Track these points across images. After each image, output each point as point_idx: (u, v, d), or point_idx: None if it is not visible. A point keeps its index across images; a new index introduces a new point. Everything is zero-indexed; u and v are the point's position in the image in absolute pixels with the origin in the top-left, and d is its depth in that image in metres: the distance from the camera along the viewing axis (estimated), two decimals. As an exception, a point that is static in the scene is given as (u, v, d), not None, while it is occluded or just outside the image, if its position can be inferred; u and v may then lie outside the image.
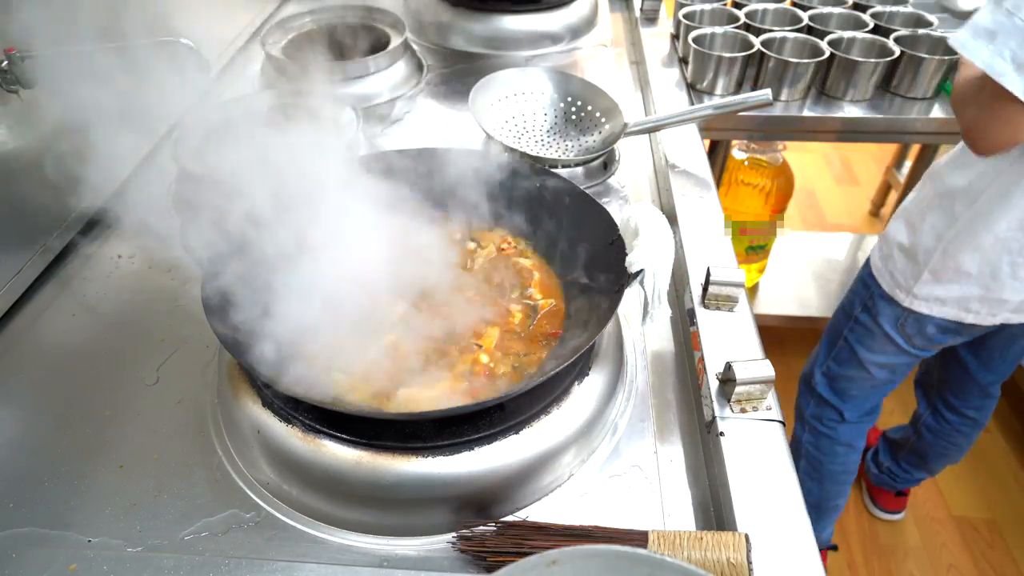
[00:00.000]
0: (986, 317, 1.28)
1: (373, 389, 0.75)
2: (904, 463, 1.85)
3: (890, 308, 1.37)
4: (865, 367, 1.48)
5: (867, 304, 1.43)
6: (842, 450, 1.62)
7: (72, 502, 0.75)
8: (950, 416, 1.64)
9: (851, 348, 1.49)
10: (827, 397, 1.57)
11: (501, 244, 0.96)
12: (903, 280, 1.33)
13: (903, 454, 1.84)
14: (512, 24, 1.62)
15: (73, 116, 1.07)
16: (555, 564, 0.52)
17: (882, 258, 1.38)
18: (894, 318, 1.37)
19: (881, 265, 1.38)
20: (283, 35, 1.49)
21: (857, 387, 1.53)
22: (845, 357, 1.51)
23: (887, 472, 1.89)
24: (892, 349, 1.42)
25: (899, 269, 1.33)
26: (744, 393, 0.79)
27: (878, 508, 1.98)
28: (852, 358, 1.49)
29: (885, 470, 1.89)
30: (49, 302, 1.00)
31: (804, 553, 0.67)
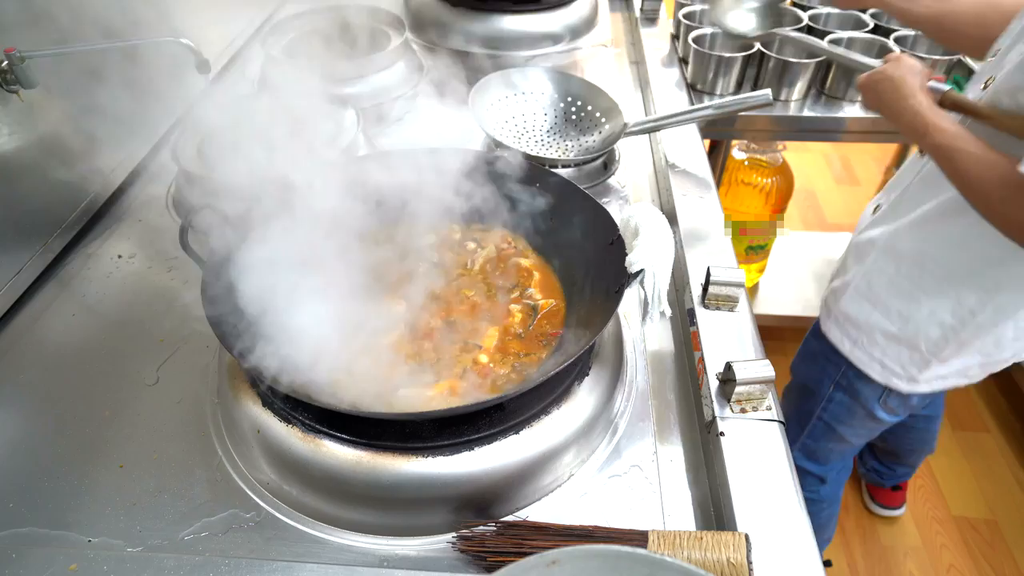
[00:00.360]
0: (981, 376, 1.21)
1: (373, 389, 0.75)
2: (885, 462, 1.86)
3: (869, 387, 1.25)
4: (845, 439, 1.39)
5: (841, 383, 1.29)
6: (826, 505, 1.59)
7: (72, 502, 0.75)
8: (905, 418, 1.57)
9: (827, 425, 1.37)
10: (808, 468, 1.48)
11: (501, 244, 0.96)
12: (901, 369, 1.19)
13: (879, 454, 1.86)
14: (512, 24, 1.62)
15: (73, 116, 1.08)
16: (555, 564, 0.52)
17: (858, 344, 1.22)
18: (876, 396, 1.25)
19: (860, 352, 1.22)
20: (283, 35, 1.49)
21: (837, 453, 1.45)
22: (821, 433, 1.40)
23: (874, 471, 1.90)
24: (873, 424, 1.33)
25: (892, 358, 1.19)
26: (744, 393, 0.79)
27: (877, 505, 1.98)
28: (829, 433, 1.39)
29: (871, 469, 1.91)
30: (49, 302, 0.99)
31: (804, 553, 0.67)
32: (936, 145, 0.93)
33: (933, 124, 0.94)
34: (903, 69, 1.01)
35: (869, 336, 1.20)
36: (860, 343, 1.22)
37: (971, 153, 0.91)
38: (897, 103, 0.99)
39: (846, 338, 1.24)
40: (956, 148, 0.92)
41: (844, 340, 1.24)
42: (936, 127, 0.93)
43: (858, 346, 1.22)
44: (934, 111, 0.95)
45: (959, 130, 0.92)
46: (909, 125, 0.97)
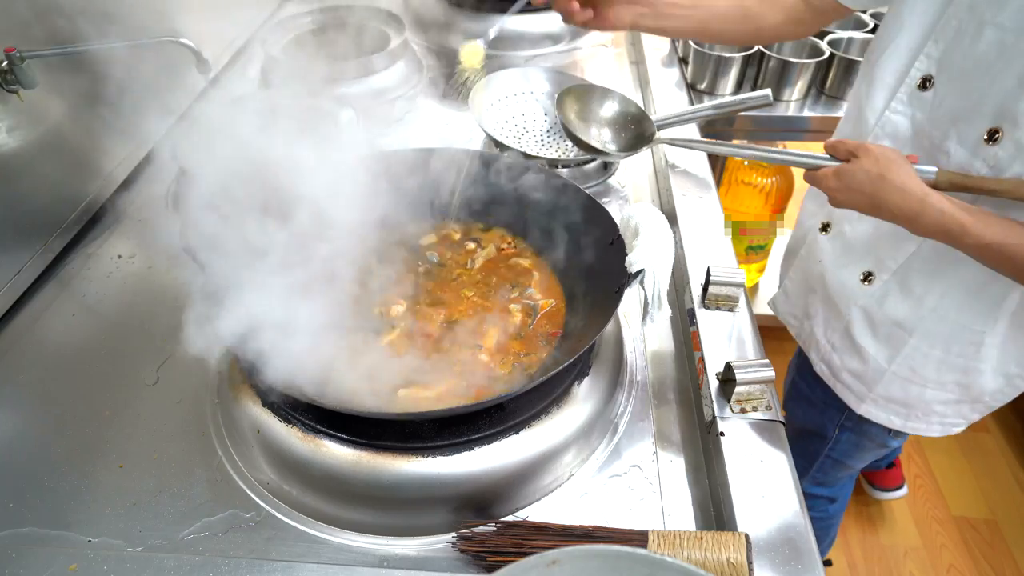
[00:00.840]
0: None
1: (373, 389, 0.75)
2: None
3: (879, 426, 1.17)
4: (855, 467, 1.35)
5: (847, 425, 1.22)
6: (835, 520, 1.58)
7: (72, 502, 0.75)
8: None
9: (836, 460, 1.31)
10: (818, 493, 1.45)
11: (501, 244, 0.96)
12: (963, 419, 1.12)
13: None
14: (512, 24, 1.62)
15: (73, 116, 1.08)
16: (555, 564, 0.52)
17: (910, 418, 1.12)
18: (887, 430, 1.18)
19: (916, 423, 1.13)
20: (283, 35, 1.49)
21: (847, 476, 1.43)
22: (831, 467, 1.34)
23: None
24: (883, 451, 1.28)
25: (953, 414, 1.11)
26: (744, 393, 0.79)
27: (879, 490, 1.96)
28: (839, 466, 1.33)
29: None
30: (49, 302, 0.99)
31: (804, 553, 0.67)
32: (982, 245, 0.80)
33: (969, 223, 0.80)
34: (887, 163, 0.83)
35: (925, 409, 1.09)
36: (914, 417, 1.11)
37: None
38: (907, 206, 0.82)
39: (895, 416, 1.12)
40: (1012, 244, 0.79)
41: (893, 419, 1.12)
42: (975, 225, 0.80)
43: (912, 419, 1.11)
44: (960, 206, 0.81)
45: (1003, 222, 0.80)
46: (935, 228, 0.82)
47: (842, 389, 1.17)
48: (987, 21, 0.80)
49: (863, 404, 1.13)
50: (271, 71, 1.42)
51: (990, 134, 0.83)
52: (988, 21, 0.80)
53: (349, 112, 1.20)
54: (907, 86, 0.91)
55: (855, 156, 0.86)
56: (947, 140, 0.87)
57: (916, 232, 0.85)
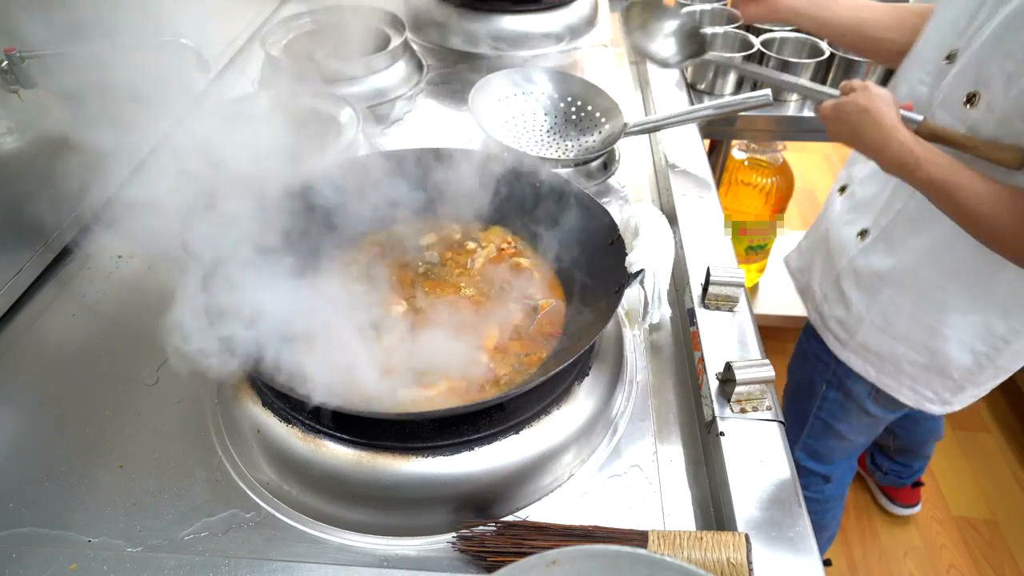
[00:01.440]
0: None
1: (373, 389, 0.75)
2: (899, 459, 1.84)
3: (860, 384, 1.24)
4: (844, 437, 1.38)
5: (832, 382, 1.30)
6: (831, 505, 1.58)
7: (72, 502, 0.75)
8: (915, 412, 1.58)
9: (825, 423, 1.38)
10: (812, 467, 1.48)
11: (501, 244, 0.96)
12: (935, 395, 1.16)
13: (893, 453, 1.84)
14: (512, 24, 1.62)
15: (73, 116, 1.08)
16: (555, 564, 0.52)
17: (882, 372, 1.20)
18: (866, 392, 1.25)
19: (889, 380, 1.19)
20: (283, 35, 1.49)
21: (840, 451, 1.44)
22: (820, 431, 1.40)
23: (892, 472, 1.88)
24: (869, 420, 1.32)
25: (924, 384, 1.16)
26: (744, 393, 0.79)
27: (895, 504, 1.97)
28: (828, 431, 1.39)
29: (889, 471, 1.88)
30: (49, 302, 0.99)
31: (804, 553, 0.67)
32: (929, 180, 0.89)
33: (924, 158, 0.89)
34: (876, 99, 0.93)
35: (895, 366, 1.16)
36: (886, 371, 1.18)
37: (972, 187, 0.87)
38: (878, 136, 0.92)
39: (870, 367, 1.20)
40: (953, 183, 0.87)
41: (869, 369, 1.20)
42: (927, 160, 0.89)
43: (885, 374, 1.18)
44: (921, 144, 0.90)
45: (953, 163, 0.88)
46: (895, 159, 0.92)
47: (828, 336, 1.27)
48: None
49: (844, 351, 1.23)
50: (271, 71, 1.42)
51: (968, 97, 0.92)
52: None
53: (349, 112, 1.21)
54: (937, 59, 0.98)
55: (854, 91, 0.96)
56: (935, 108, 0.96)
57: (883, 165, 0.94)
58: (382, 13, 1.53)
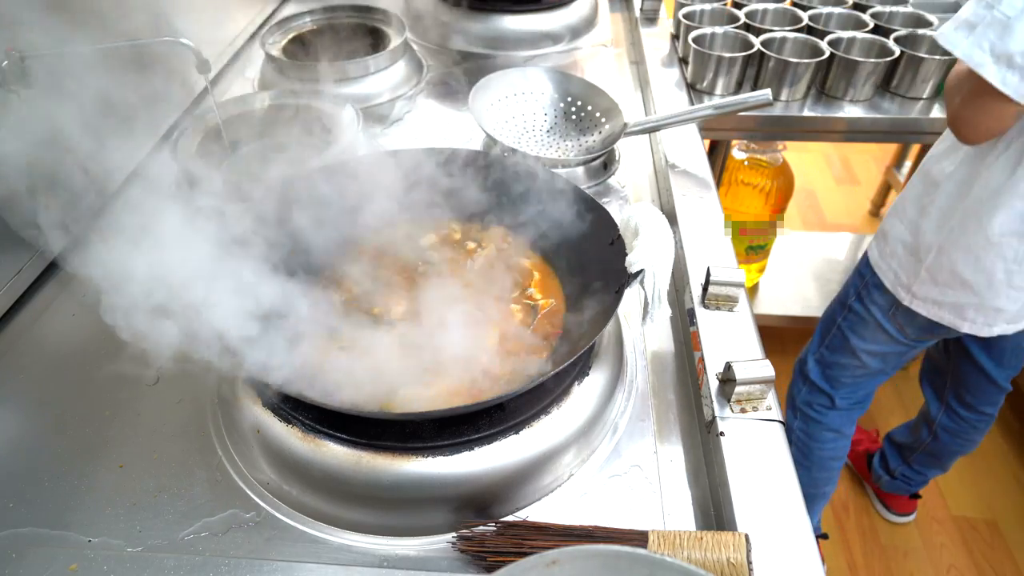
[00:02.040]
0: (982, 327, 1.27)
1: (373, 389, 0.75)
2: (917, 465, 1.82)
3: (882, 297, 1.38)
4: (857, 355, 1.49)
5: (860, 293, 1.44)
6: (831, 436, 1.63)
7: (72, 502, 0.75)
8: (967, 415, 1.61)
9: (843, 335, 1.50)
10: (819, 383, 1.58)
11: (501, 244, 0.96)
12: (905, 277, 1.33)
13: (915, 456, 1.81)
14: (512, 24, 1.62)
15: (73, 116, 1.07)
16: (555, 564, 0.52)
17: (881, 254, 1.38)
18: (886, 307, 1.39)
19: (881, 261, 1.38)
20: (283, 35, 1.49)
21: (849, 374, 1.54)
22: (838, 344, 1.52)
23: (902, 478, 1.86)
24: (884, 338, 1.43)
25: (901, 265, 1.33)
26: (744, 393, 0.79)
27: (892, 512, 1.97)
28: (844, 345, 1.50)
29: (899, 476, 1.86)
30: (49, 302, 0.99)
31: (804, 553, 0.67)
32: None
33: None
34: None
35: (892, 247, 1.34)
36: (884, 253, 1.37)
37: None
38: None
39: (876, 248, 1.39)
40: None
41: (874, 250, 1.40)
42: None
43: (882, 256, 1.37)
44: None
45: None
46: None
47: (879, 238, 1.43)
48: None
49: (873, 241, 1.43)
50: (271, 71, 1.42)
51: None
52: None
53: (349, 112, 1.21)
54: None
55: None
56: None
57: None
58: (382, 13, 1.53)
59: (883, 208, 2.98)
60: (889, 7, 1.79)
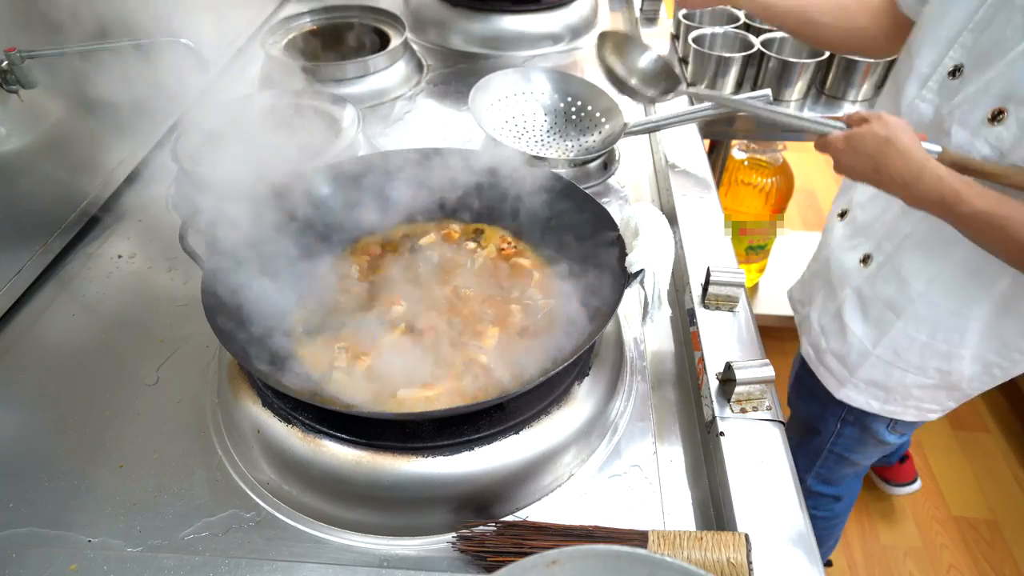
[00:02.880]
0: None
1: (373, 389, 0.75)
2: None
3: (879, 420, 1.20)
4: (858, 463, 1.36)
5: (848, 419, 1.24)
6: (839, 519, 1.57)
7: (72, 502, 0.75)
8: None
9: (839, 456, 1.33)
10: (823, 491, 1.45)
11: (501, 244, 0.96)
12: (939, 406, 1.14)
13: None
14: (512, 24, 1.62)
15: (73, 116, 1.08)
16: (555, 564, 0.52)
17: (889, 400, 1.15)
18: (885, 425, 1.21)
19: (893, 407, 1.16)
20: (283, 35, 1.49)
21: (852, 475, 1.42)
22: (834, 463, 1.36)
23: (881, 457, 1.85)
24: (886, 447, 1.29)
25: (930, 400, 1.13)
26: (744, 393, 0.79)
27: (893, 486, 1.96)
28: (842, 461, 1.35)
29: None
30: (49, 302, 0.99)
31: (804, 553, 0.67)
32: (974, 213, 0.82)
33: (964, 191, 0.82)
34: (897, 129, 0.86)
35: (903, 393, 1.11)
36: (892, 400, 1.13)
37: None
38: (908, 170, 0.85)
39: (873, 400, 1.15)
40: (1003, 215, 0.80)
41: (871, 402, 1.15)
42: (970, 193, 0.82)
43: (890, 403, 1.14)
44: (956, 175, 0.83)
45: (996, 193, 0.82)
46: (931, 193, 0.84)
47: (824, 373, 1.20)
48: (1018, 6, 0.82)
49: (843, 388, 1.15)
50: (271, 71, 1.42)
51: (994, 115, 0.85)
52: (1019, 6, 0.82)
53: (349, 112, 1.21)
54: (939, 75, 0.92)
55: (867, 122, 0.89)
56: (952, 123, 0.89)
57: (912, 200, 0.87)
58: (382, 13, 1.53)
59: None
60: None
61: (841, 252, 1.13)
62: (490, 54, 1.62)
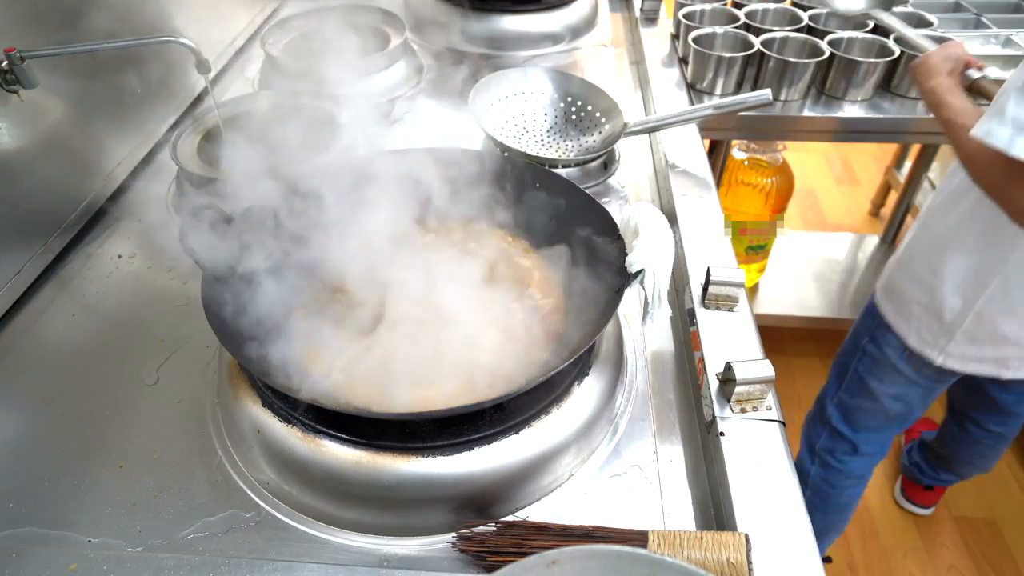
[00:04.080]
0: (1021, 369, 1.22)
1: (373, 389, 0.75)
2: (932, 463, 1.83)
3: (896, 338, 1.32)
4: (877, 398, 1.41)
5: (873, 335, 1.38)
6: (852, 482, 1.57)
7: (72, 502, 0.75)
8: (973, 429, 1.59)
9: (861, 379, 1.42)
10: (841, 429, 1.50)
11: (501, 244, 0.96)
12: (932, 339, 1.26)
13: (930, 455, 1.83)
14: (512, 24, 1.62)
15: (73, 116, 1.08)
16: (555, 564, 0.52)
17: (898, 312, 1.31)
18: (900, 348, 1.32)
19: (899, 319, 1.31)
20: (283, 35, 1.49)
21: (872, 418, 1.46)
22: (856, 388, 1.44)
23: (915, 466, 1.88)
24: (902, 380, 1.36)
25: (925, 327, 1.25)
26: (744, 393, 0.79)
27: (906, 499, 1.97)
28: (863, 389, 1.43)
29: (914, 463, 1.88)
30: (49, 302, 0.99)
31: (804, 553, 0.67)
32: (943, 120, 1.04)
33: (943, 101, 1.05)
34: (940, 55, 1.13)
35: (907, 307, 1.28)
36: (901, 312, 1.30)
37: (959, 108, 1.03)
38: (925, 83, 1.13)
39: (891, 306, 1.33)
40: (956, 123, 1.00)
41: (889, 309, 1.34)
42: (945, 103, 1.04)
43: (900, 315, 1.31)
44: (951, 91, 1.06)
45: (965, 106, 1.02)
46: (930, 102, 1.10)
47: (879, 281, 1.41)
48: None
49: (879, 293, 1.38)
50: (271, 71, 1.42)
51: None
52: None
53: (349, 112, 1.20)
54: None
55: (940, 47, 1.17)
56: None
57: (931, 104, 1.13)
58: (382, 13, 1.53)
59: (883, 208, 2.98)
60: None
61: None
62: (490, 54, 1.62)
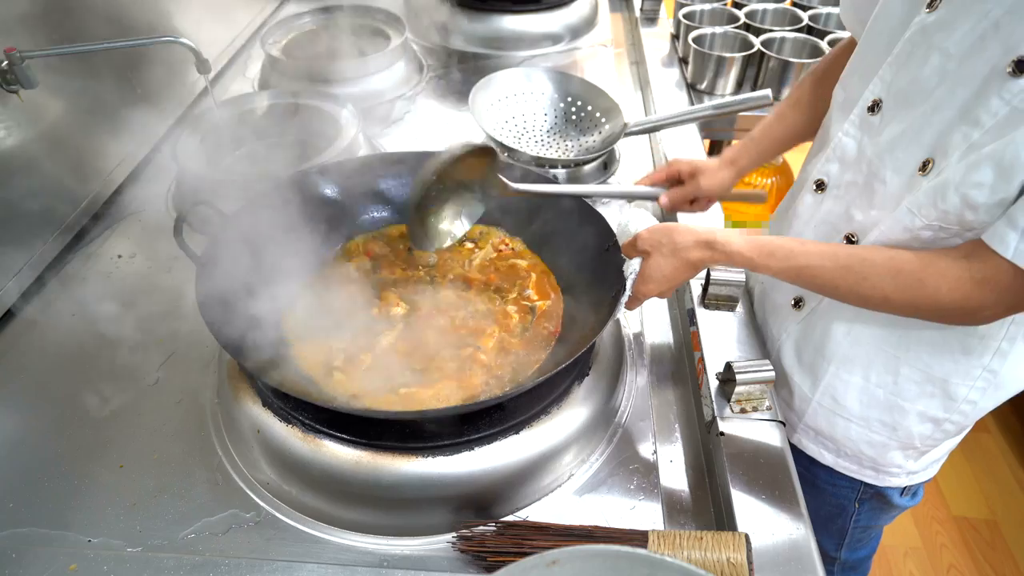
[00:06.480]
0: None
1: (373, 389, 0.75)
2: None
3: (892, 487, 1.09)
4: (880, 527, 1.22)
5: (865, 496, 1.11)
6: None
7: (72, 502, 0.75)
8: None
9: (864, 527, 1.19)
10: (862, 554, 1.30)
11: (499, 245, 0.96)
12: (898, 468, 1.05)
13: None
14: (512, 24, 1.63)
15: (73, 116, 1.08)
16: (555, 564, 0.52)
17: (840, 455, 1.04)
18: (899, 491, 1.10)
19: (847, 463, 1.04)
20: (283, 35, 1.49)
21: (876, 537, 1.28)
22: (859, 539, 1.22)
23: None
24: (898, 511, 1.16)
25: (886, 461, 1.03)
26: (744, 393, 0.79)
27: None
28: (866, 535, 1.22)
29: None
30: (49, 302, 0.99)
31: (804, 553, 0.67)
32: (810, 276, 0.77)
33: (793, 261, 0.77)
34: (669, 229, 0.81)
35: (852, 447, 1.02)
36: (843, 454, 1.03)
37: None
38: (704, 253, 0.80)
39: (825, 451, 1.04)
40: (797, 270, 0.76)
41: (824, 453, 1.05)
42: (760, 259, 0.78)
43: (842, 457, 1.04)
44: (748, 243, 0.79)
45: (785, 251, 0.78)
46: (737, 260, 0.80)
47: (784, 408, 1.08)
48: (935, 46, 0.76)
49: (795, 434, 1.06)
50: (271, 71, 1.42)
51: (923, 165, 0.78)
52: (936, 46, 0.75)
53: (349, 112, 1.21)
54: (859, 108, 0.86)
55: (645, 252, 0.82)
56: (884, 168, 0.83)
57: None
58: (382, 13, 1.53)
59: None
60: (889, 7, 1.78)
61: (772, 290, 1.01)
62: (490, 54, 1.62)
